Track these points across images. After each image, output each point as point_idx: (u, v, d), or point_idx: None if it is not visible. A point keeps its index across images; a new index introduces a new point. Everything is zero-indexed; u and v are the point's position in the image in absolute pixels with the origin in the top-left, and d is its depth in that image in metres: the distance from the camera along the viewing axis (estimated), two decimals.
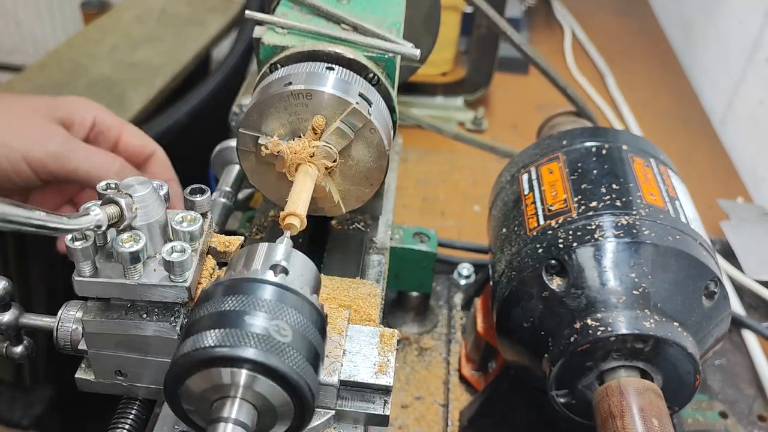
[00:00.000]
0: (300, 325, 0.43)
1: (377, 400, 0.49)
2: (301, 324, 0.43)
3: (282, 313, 0.42)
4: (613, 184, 0.64)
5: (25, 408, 1.52)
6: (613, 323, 0.55)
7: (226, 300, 0.43)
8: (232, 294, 0.43)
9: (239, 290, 0.43)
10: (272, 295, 0.43)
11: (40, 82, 1.50)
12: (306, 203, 0.53)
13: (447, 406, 0.82)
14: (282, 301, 0.43)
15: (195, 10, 1.82)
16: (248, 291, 0.43)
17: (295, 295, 0.44)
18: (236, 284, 0.44)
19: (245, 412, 0.41)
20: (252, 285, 0.43)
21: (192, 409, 0.44)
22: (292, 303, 0.43)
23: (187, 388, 0.42)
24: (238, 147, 0.57)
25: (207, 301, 0.44)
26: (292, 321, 0.43)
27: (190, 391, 0.42)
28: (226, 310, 0.42)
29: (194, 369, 0.41)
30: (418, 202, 1.18)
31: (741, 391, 0.86)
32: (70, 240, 0.44)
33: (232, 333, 0.41)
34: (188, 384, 0.42)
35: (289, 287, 0.44)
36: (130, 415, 0.52)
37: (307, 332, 0.43)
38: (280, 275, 0.45)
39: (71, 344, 0.51)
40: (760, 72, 1.34)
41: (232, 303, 0.42)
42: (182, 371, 0.41)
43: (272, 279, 0.44)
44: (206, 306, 0.43)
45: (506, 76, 1.52)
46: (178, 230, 0.48)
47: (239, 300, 0.42)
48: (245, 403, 0.41)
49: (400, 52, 0.58)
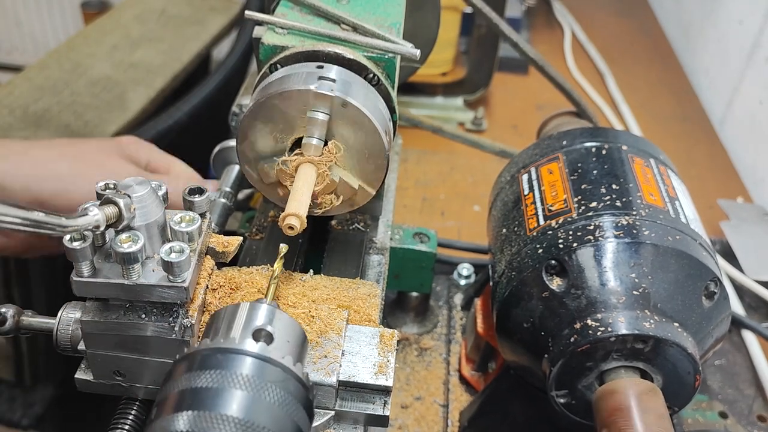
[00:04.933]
0: (282, 404, 0.39)
1: (377, 400, 0.49)
2: (284, 402, 0.40)
3: (263, 390, 0.39)
4: (613, 184, 0.64)
5: (25, 408, 1.52)
6: (613, 323, 0.55)
7: (201, 374, 0.39)
8: (207, 367, 0.40)
9: (216, 363, 0.40)
10: (251, 369, 0.40)
11: (40, 82, 1.50)
12: (306, 204, 0.53)
13: (447, 406, 0.82)
14: (263, 375, 0.40)
15: (195, 10, 1.82)
16: (225, 365, 0.40)
17: (277, 367, 0.41)
18: (213, 356, 0.40)
19: None
20: (229, 357, 0.40)
21: None
22: (273, 377, 0.40)
23: None
24: (238, 147, 0.57)
25: (181, 374, 0.40)
26: (273, 399, 0.39)
27: None
28: (200, 387, 0.39)
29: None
30: (418, 202, 1.18)
31: (741, 391, 0.86)
32: (68, 240, 0.44)
33: (205, 416, 0.37)
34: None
35: (271, 359, 0.41)
36: (129, 415, 0.52)
37: (290, 411, 0.40)
38: (261, 344, 0.41)
39: (71, 345, 0.51)
40: (759, 72, 1.34)
41: (207, 379, 0.39)
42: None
43: (252, 349, 0.41)
44: (180, 379, 0.40)
45: (506, 76, 1.52)
46: (177, 230, 0.48)
47: (215, 375, 0.39)
48: None
49: (400, 52, 0.58)
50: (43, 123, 1.39)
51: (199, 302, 0.49)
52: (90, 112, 1.44)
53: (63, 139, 1.11)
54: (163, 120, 1.32)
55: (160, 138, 1.29)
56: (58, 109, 1.43)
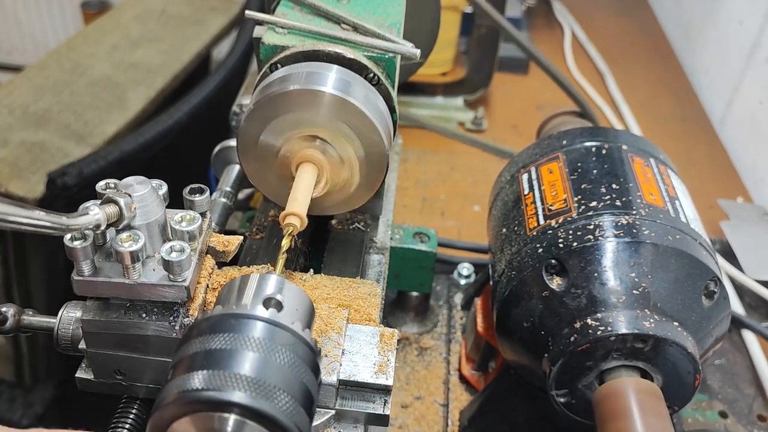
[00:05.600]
0: (291, 365, 0.41)
1: (377, 399, 0.49)
2: (293, 364, 0.41)
3: (273, 352, 0.40)
4: (613, 183, 0.64)
5: (25, 407, 1.52)
6: (613, 323, 0.55)
7: (215, 337, 0.40)
8: (221, 331, 0.41)
9: (229, 327, 0.41)
10: (262, 332, 0.41)
11: (40, 82, 1.50)
12: (306, 203, 0.53)
13: (447, 405, 0.82)
14: (273, 339, 0.41)
15: (195, 10, 1.82)
16: (238, 328, 0.41)
17: (287, 332, 0.42)
18: (226, 320, 0.41)
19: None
20: (241, 321, 0.41)
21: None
22: (283, 341, 0.41)
23: (173, 430, 0.40)
24: (239, 147, 0.57)
25: (195, 337, 0.41)
26: (283, 360, 0.40)
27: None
28: (214, 349, 0.40)
29: (181, 412, 0.39)
30: (418, 202, 1.18)
31: (741, 390, 0.86)
32: (69, 240, 0.44)
33: (220, 375, 0.38)
34: (174, 427, 0.39)
35: (281, 323, 0.42)
36: (130, 414, 0.52)
37: (299, 372, 0.41)
38: (271, 310, 0.43)
39: (72, 344, 0.51)
40: (759, 72, 1.34)
41: (220, 341, 0.40)
42: (168, 414, 0.39)
43: (263, 315, 0.42)
44: (194, 342, 0.41)
45: (506, 76, 1.52)
46: (177, 230, 0.48)
47: (228, 338, 0.40)
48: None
49: (400, 52, 0.58)
50: (43, 123, 1.39)
51: (200, 301, 0.50)
52: (90, 112, 1.44)
53: None
54: (163, 120, 1.32)
55: (160, 138, 1.29)
56: (58, 109, 1.43)
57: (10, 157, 1.30)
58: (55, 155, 1.32)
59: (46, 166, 1.26)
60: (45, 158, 1.31)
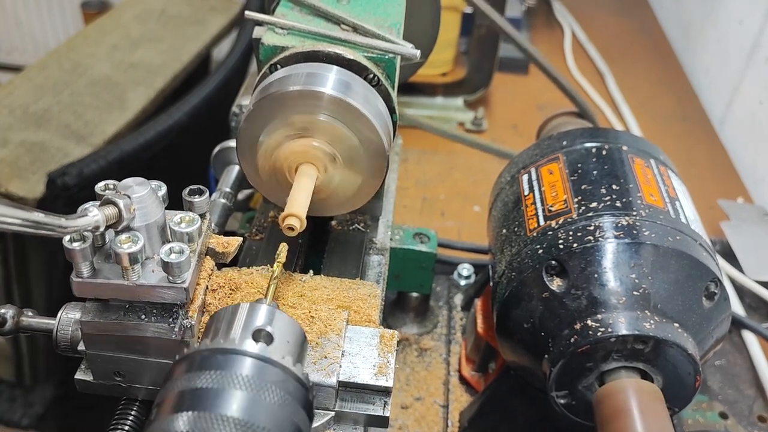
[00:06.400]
0: (282, 405, 0.39)
1: (377, 401, 0.49)
2: (284, 402, 0.39)
3: (262, 390, 0.39)
4: (613, 184, 0.64)
5: (25, 408, 1.52)
6: (613, 324, 0.55)
7: (201, 375, 0.39)
8: (207, 368, 0.39)
9: (216, 364, 0.40)
10: (251, 369, 0.39)
11: (40, 82, 1.50)
12: (306, 204, 0.53)
13: (447, 406, 0.82)
14: (263, 376, 0.39)
15: (195, 10, 1.82)
16: (225, 365, 0.39)
17: (277, 368, 0.40)
18: (213, 357, 0.40)
19: None
20: (229, 358, 0.40)
21: None
22: (273, 378, 0.40)
23: None
24: (238, 147, 0.57)
25: (181, 374, 0.40)
26: (273, 400, 0.39)
27: None
28: (200, 388, 0.38)
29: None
30: (418, 202, 1.18)
31: (741, 391, 0.86)
32: (68, 241, 0.44)
33: (205, 417, 0.37)
34: None
35: (271, 359, 0.40)
36: (129, 416, 0.52)
37: (289, 412, 0.40)
38: (260, 344, 0.41)
39: (71, 346, 0.51)
40: (759, 72, 1.34)
41: (207, 379, 0.39)
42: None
43: (252, 350, 0.40)
44: (179, 380, 0.40)
45: (506, 77, 1.52)
46: (177, 231, 0.48)
47: (215, 376, 0.39)
48: None
49: (400, 52, 0.58)
50: (43, 123, 1.39)
51: (199, 303, 0.49)
52: (90, 112, 1.44)
53: None
54: (163, 120, 1.32)
55: (160, 138, 1.29)
56: (58, 109, 1.43)
57: (10, 157, 1.30)
58: (55, 155, 1.32)
59: (46, 166, 1.26)
60: (45, 158, 1.31)
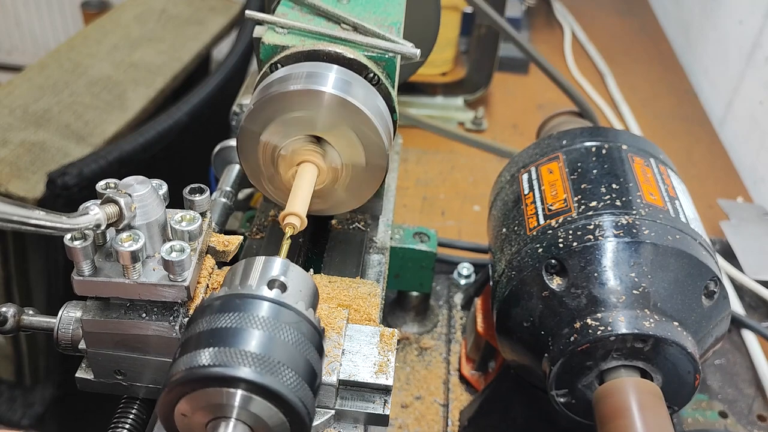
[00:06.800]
0: (296, 343, 0.42)
1: (377, 399, 0.49)
2: (298, 341, 0.42)
3: (278, 330, 0.41)
4: (612, 183, 0.64)
5: (25, 407, 1.52)
6: (613, 323, 0.55)
7: (221, 317, 0.41)
8: (227, 310, 0.42)
9: (235, 307, 0.42)
10: (268, 311, 0.42)
11: (40, 82, 1.50)
12: (306, 203, 0.53)
13: (447, 405, 0.82)
14: (278, 317, 0.42)
15: (195, 10, 1.82)
16: (243, 307, 0.42)
17: (291, 311, 0.43)
18: (231, 300, 0.42)
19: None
20: (247, 301, 0.42)
21: (186, 431, 0.42)
22: (288, 320, 0.42)
23: (181, 407, 0.41)
24: (239, 147, 0.57)
25: (202, 318, 0.42)
26: (288, 338, 0.41)
27: (184, 410, 0.41)
28: (220, 327, 0.41)
29: (188, 388, 0.40)
30: (418, 201, 1.18)
31: (741, 390, 0.86)
32: (69, 239, 0.44)
33: (226, 351, 0.39)
34: (182, 404, 0.41)
35: (286, 303, 0.43)
36: (130, 414, 0.52)
37: (303, 350, 0.42)
38: (275, 291, 0.43)
39: (72, 344, 0.51)
40: (759, 72, 1.34)
41: (227, 320, 0.41)
42: (176, 390, 0.40)
43: (268, 295, 0.43)
44: (201, 322, 0.42)
45: (506, 76, 1.52)
46: (177, 229, 0.48)
47: (234, 317, 0.41)
48: (240, 423, 0.40)
49: (400, 51, 0.58)
50: (43, 123, 1.39)
51: (200, 301, 0.49)
52: (90, 112, 1.44)
53: None
54: (163, 120, 1.32)
55: (160, 138, 1.29)
56: (58, 109, 1.43)
57: (10, 157, 1.30)
58: (55, 155, 1.32)
59: (46, 166, 1.26)
60: (45, 158, 1.31)
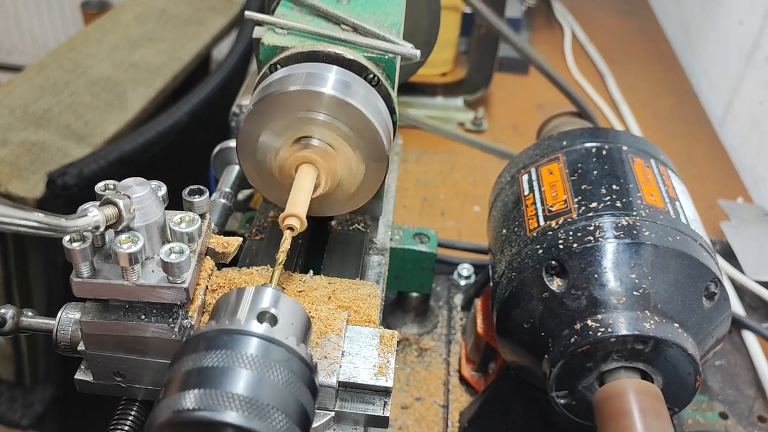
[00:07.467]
0: (286, 383, 0.40)
1: (377, 401, 0.49)
2: (288, 381, 0.40)
3: (267, 369, 0.40)
4: (613, 184, 0.64)
5: (25, 408, 1.52)
6: (613, 324, 0.55)
7: (208, 354, 0.40)
8: (214, 348, 0.40)
9: (222, 344, 0.40)
10: (257, 349, 0.40)
11: (40, 82, 1.50)
12: (306, 204, 0.53)
13: (447, 407, 0.82)
14: (267, 355, 0.40)
15: (195, 10, 1.82)
16: (231, 345, 0.40)
17: (281, 348, 0.41)
18: (219, 337, 0.41)
19: None
20: (235, 338, 0.41)
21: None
22: (278, 357, 0.41)
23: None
24: (238, 147, 0.57)
25: (188, 354, 0.41)
26: (278, 378, 0.40)
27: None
28: (207, 367, 0.39)
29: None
30: (418, 202, 1.18)
31: (741, 392, 0.86)
32: (68, 241, 0.44)
33: (212, 394, 0.38)
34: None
35: (275, 339, 0.41)
36: (129, 416, 0.52)
37: (294, 390, 0.40)
38: (265, 325, 0.42)
39: (71, 346, 0.51)
40: (759, 72, 1.34)
41: (213, 358, 0.40)
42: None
43: (257, 330, 0.41)
44: (187, 360, 0.40)
45: (506, 76, 1.52)
46: (177, 231, 0.48)
47: (221, 355, 0.40)
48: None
49: (400, 52, 0.58)
50: (43, 123, 1.39)
51: (199, 303, 0.49)
52: (90, 112, 1.44)
53: None
54: (163, 120, 1.32)
55: (160, 138, 1.29)
56: (58, 109, 1.43)
57: (10, 157, 1.30)
58: (55, 155, 1.32)
59: (46, 166, 1.26)
60: (45, 158, 1.31)
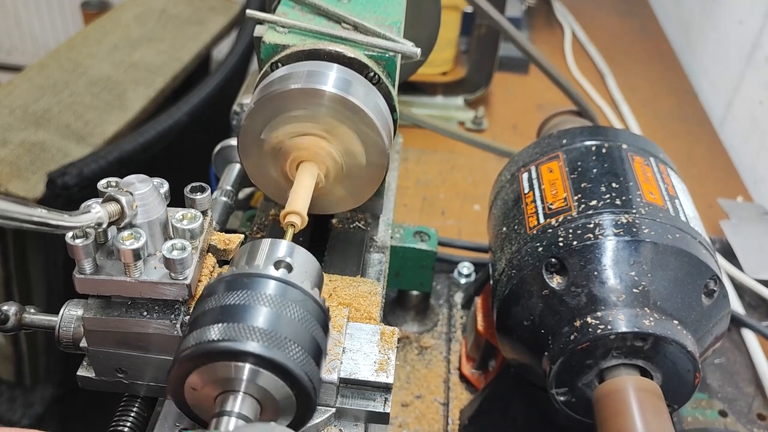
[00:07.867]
0: (302, 320, 0.43)
1: (378, 397, 0.49)
2: (304, 318, 0.43)
3: (285, 307, 0.43)
4: (612, 182, 0.64)
5: (25, 407, 1.52)
6: (612, 321, 0.56)
7: (230, 295, 0.43)
8: (235, 289, 0.43)
9: (242, 285, 0.43)
10: (275, 290, 0.44)
11: (40, 82, 1.50)
12: (307, 201, 0.53)
13: (447, 404, 0.82)
14: (285, 295, 0.43)
15: (195, 10, 1.82)
16: (251, 286, 0.43)
17: (297, 290, 0.44)
18: (239, 279, 0.44)
19: (248, 406, 0.42)
20: (255, 280, 0.44)
21: (195, 404, 0.44)
22: (294, 298, 0.44)
23: (191, 381, 0.42)
24: (239, 146, 0.57)
25: (210, 296, 0.44)
26: (294, 315, 0.43)
27: (194, 384, 0.43)
28: (229, 305, 0.42)
29: (198, 363, 0.41)
30: (419, 201, 1.18)
31: (740, 389, 0.87)
32: (71, 238, 0.44)
33: (235, 327, 0.41)
34: (192, 377, 0.42)
35: (292, 282, 0.44)
36: (131, 413, 0.52)
37: (309, 327, 0.43)
38: (282, 271, 0.45)
39: (73, 342, 0.51)
40: (759, 72, 1.34)
41: (235, 297, 0.43)
42: (186, 365, 0.42)
43: (274, 274, 0.44)
44: (209, 300, 0.43)
45: (506, 76, 1.52)
46: (179, 228, 0.48)
47: (242, 295, 0.43)
48: (248, 397, 0.42)
49: (400, 50, 0.58)
50: (43, 123, 1.39)
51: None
52: (90, 112, 1.44)
53: None
54: (163, 120, 1.32)
55: (160, 138, 1.29)
56: (58, 109, 1.43)
57: (10, 157, 1.30)
58: (55, 155, 1.32)
59: (46, 166, 1.26)
60: (45, 158, 1.31)
